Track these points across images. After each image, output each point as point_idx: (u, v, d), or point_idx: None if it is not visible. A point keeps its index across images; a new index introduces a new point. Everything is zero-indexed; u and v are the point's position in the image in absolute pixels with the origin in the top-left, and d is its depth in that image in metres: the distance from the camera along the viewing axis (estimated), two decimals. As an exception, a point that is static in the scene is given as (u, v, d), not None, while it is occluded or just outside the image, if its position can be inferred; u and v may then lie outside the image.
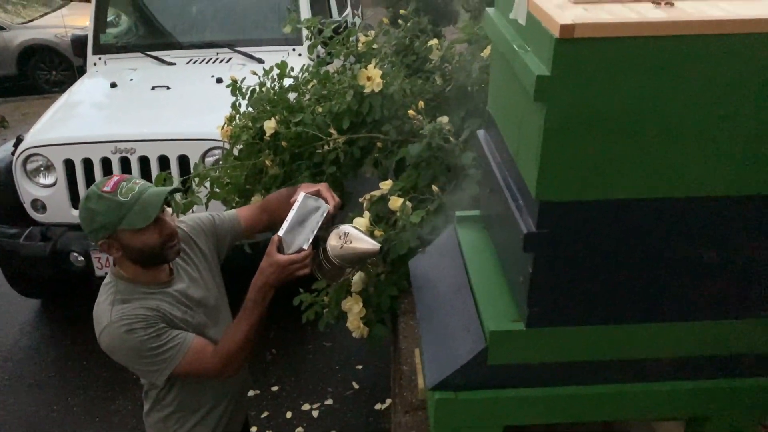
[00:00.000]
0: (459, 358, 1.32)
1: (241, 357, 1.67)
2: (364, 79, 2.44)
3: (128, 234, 1.57)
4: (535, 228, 1.16)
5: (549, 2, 1.10)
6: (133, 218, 1.55)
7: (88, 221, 1.58)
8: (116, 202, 1.54)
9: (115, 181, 1.58)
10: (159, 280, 1.69)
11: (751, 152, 1.10)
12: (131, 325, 1.57)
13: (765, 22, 1.00)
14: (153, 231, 1.59)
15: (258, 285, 1.64)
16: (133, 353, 1.60)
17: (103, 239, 1.59)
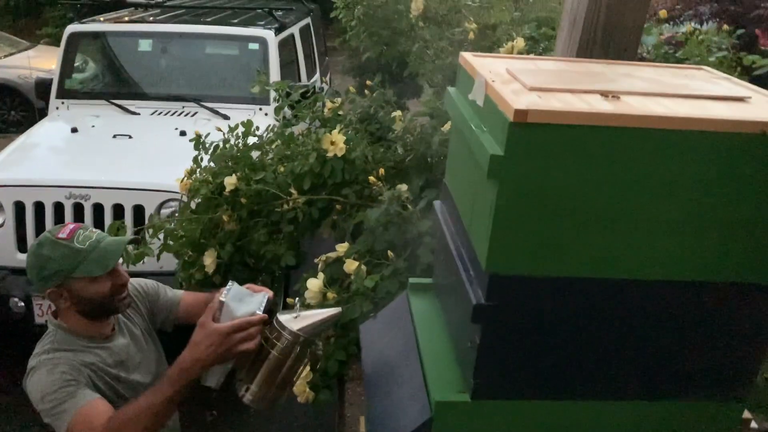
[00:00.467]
0: (404, 427, 1.31)
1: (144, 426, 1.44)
2: (328, 143, 2.49)
3: (80, 283, 1.53)
4: (484, 299, 1.19)
5: (506, 87, 1.16)
6: (90, 266, 1.51)
7: (38, 268, 1.53)
8: (73, 249, 1.51)
9: (71, 229, 1.55)
10: (101, 335, 1.64)
11: (689, 239, 1.16)
12: (55, 365, 1.51)
13: (700, 120, 1.08)
14: (106, 280, 1.56)
15: (183, 358, 1.42)
16: (42, 395, 1.50)
17: (52, 287, 1.54)
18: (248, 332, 1.42)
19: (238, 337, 1.41)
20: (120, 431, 1.45)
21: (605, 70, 1.41)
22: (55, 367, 1.52)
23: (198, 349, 1.41)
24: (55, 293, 1.55)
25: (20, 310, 3.35)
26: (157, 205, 3.35)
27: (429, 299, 1.66)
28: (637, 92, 1.21)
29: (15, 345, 3.97)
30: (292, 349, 1.44)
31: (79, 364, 1.55)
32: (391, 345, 1.60)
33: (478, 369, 1.24)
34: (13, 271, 3.43)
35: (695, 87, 1.29)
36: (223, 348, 1.40)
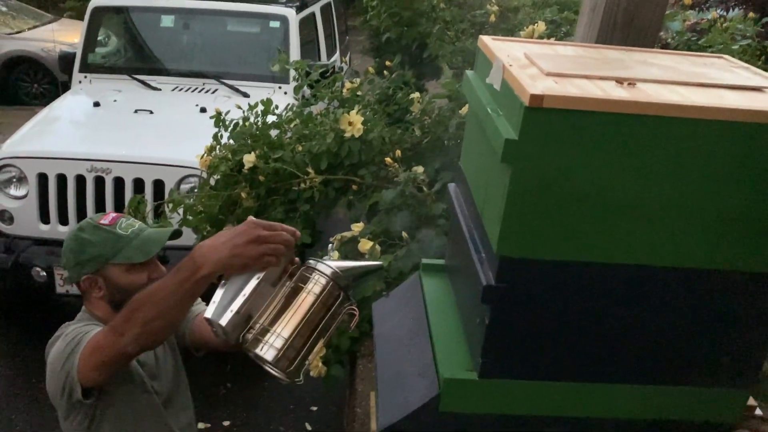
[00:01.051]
0: (411, 403, 1.35)
1: (139, 317, 1.25)
2: (346, 124, 2.51)
3: (118, 270, 1.49)
4: (494, 281, 1.21)
5: (523, 72, 1.18)
6: (131, 252, 1.48)
7: (76, 252, 1.48)
8: (115, 234, 1.48)
9: (113, 217, 1.52)
10: None
11: (700, 228, 1.17)
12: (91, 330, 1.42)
13: (715, 110, 1.09)
14: (143, 271, 1.51)
15: (203, 245, 1.22)
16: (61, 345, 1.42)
17: (88, 274, 1.49)
18: (278, 233, 1.23)
19: (266, 233, 1.21)
20: (129, 315, 1.27)
21: (623, 56, 1.41)
22: (80, 326, 1.46)
23: (220, 238, 1.22)
24: (90, 280, 1.50)
25: (42, 280, 3.43)
26: (177, 181, 3.40)
27: (441, 280, 1.69)
28: (653, 80, 1.22)
29: (37, 313, 4.09)
30: (326, 294, 1.22)
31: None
32: (403, 323, 1.63)
33: (486, 348, 1.26)
34: (35, 242, 3.51)
35: (713, 76, 1.29)
36: (246, 238, 1.19)
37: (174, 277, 1.22)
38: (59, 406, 1.48)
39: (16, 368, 3.64)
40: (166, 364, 1.65)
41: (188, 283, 1.20)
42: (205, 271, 1.18)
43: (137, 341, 1.28)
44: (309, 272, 1.23)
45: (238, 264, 1.19)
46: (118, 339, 1.28)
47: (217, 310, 1.19)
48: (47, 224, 3.52)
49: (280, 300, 1.21)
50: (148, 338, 1.29)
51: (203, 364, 1.62)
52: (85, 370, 1.35)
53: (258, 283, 1.20)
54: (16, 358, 3.71)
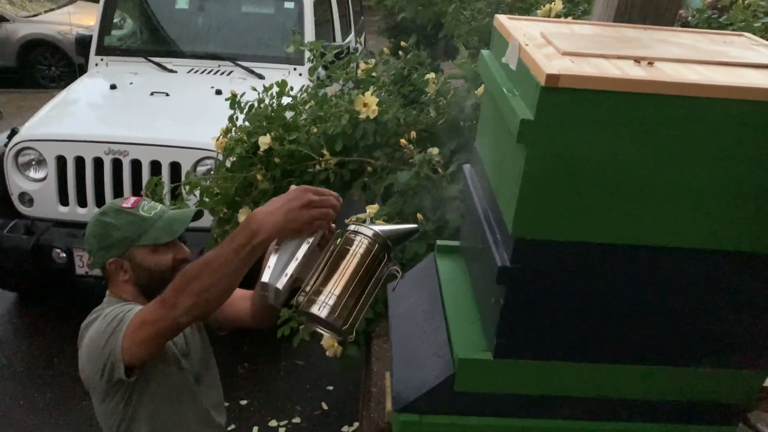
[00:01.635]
0: (427, 382, 1.36)
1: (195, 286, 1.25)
2: (361, 105, 2.50)
3: (143, 252, 1.50)
4: (509, 262, 1.21)
5: (539, 51, 1.16)
6: (157, 233, 1.49)
7: (101, 236, 1.49)
8: (139, 217, 1.49)
9: (135, 200, 1.54)
10: None
11: (717, 209, 1.16)
12: (131, 310, 1.41)
13: (735, 89, 1.07)
14: (168, 252, 1.52)
15: (258, 211, 1.24)
16: (100, 324, 1.42)
17: (114, 257, 1.50)
18: (326, 197, 1.26)
19: (318, 198, 1.24)
20: (180, 293, 1.27)
21: (641, 35, 1.39)
22: (118, 306, 1.45)
23: (274, 204, 1.24)
24: (116, 263, 1.51)
25: (62, 261, 3.48)
26: (194, 163, 3.42)
27: (455, 261, 1.69)
28: (671, 59, 1.20)
29: (57, 294, 4.16)
30: (371, 256, 1.25)
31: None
32: (418, 304, 1.64)
33: (501, 329, 1.27)
34: (55, 224, 3.56)
35: (733, 54, 1.27)
36: (299, 203, 1.22)
37: (230, 245, 1.22)
38: (96, 389, 1.48)
39: (38, 348, 3.71)
40: (195, 342, 1.66)
41: (245, 250, 1.21)
42: (262, 237, 1.21)
43: (190, 312, 1.28)
44: (353, 235, 1.27)
45: (292, 228, 1.22)
46: (170, 311, 1.28)
47: (273, 275, 1.23)
48: (66, 206, 3.57)
49: (328, 262, 1.25)
50: (202, 308, 1.28)
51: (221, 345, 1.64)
52: (130, 346, 1.35)
53: (309, 247, 1.25)
54: (37, 339, 3.78)
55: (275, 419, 3.27)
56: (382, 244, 1.27)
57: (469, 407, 1.36)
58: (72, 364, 3.48)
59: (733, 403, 1.38)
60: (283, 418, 3.29)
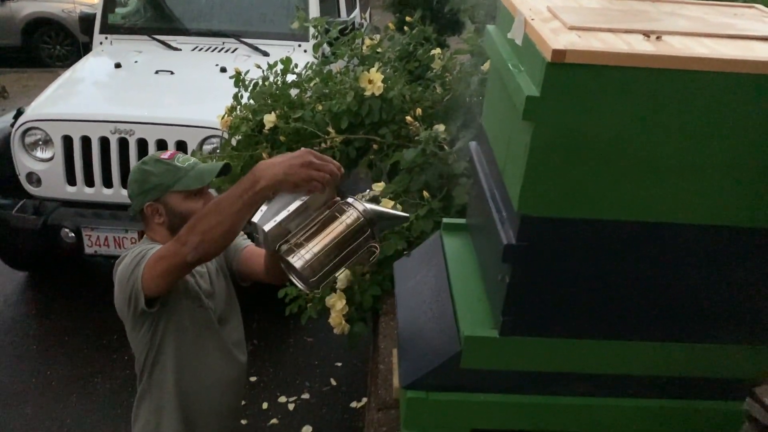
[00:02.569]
0: (433, 359, 1.37)
1: (204, 224, 1.38)
2: (366, 82, 2.48)
3: (177, 198, 1.64)
4: (515, 240, 1.21)
5: (545, 26, 1.15)
6: (189, 180, 1.63)
7: (140, 182, 1.65)
8: (174, 166, 1.64)
9: (172, 153, 1.69)
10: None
11: (725, 184, 1.15)
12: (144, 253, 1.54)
13: (744, 62, 1.05)
14: (199, 200, 1.66)
15: (262, 163, 1.37)
16: (129, 258, 1.56)
17: (150, 201, 1.65)
18: (327, 164, 1.36)
19: (317, 162, 1.34)
20: (190, 231, 1.41)
21: (649, 8, 1.37)
22: (144, 245, 1.62)
23: (278, 158, 1.37)
24: (152, 207, 1.66)
25: (71, 240, 3.49)
26: (200, 141, 3.41)
27: (462, 239, 1.69)
28: (680, 32, 1.18)
29: (66, 274, 4.19)
30: (355, 227, 1.35)
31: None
32: (424, 282, 1.65)
33: (507, 306, 1.27)
34: (63, 203, 3.57)
35: (742, 26, 1.25)
36: (300, 161, 1.33)
37: (235, 190, 1.36)
38: (126, 319, 1.64)
39: (49, 327, 3.75)
40: (220, 287, 1.81)
41: (247, 195, 1.34)
42: (262, 184, 1.32)
43: (197, 249, 1.41)
44: (346, 206, 1.38)
45: (290, 181, 1.33)
46: (181, 248, 1.42)
47: (264, 217, 1.34)
48: (74, 186, 3.57)
49: (317, 224, 1.37)
50: (207, 246, 1.41)
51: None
52: (148, 279, 1.51)
53: (302, 203, 1.35)
54: (47, 318, 3.82)
55: (284, 395, 3.31)
56: (368, 220, 1.37)
57: (475, 384, 1.37)
58: (84, 343, 3.54)
59: (743, 378, 1.38)
60: (293, 394, 3.32)
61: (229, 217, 1.36)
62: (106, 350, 3.49)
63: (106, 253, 3.51)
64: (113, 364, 3.38)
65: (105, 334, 3.55)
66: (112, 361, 3.39)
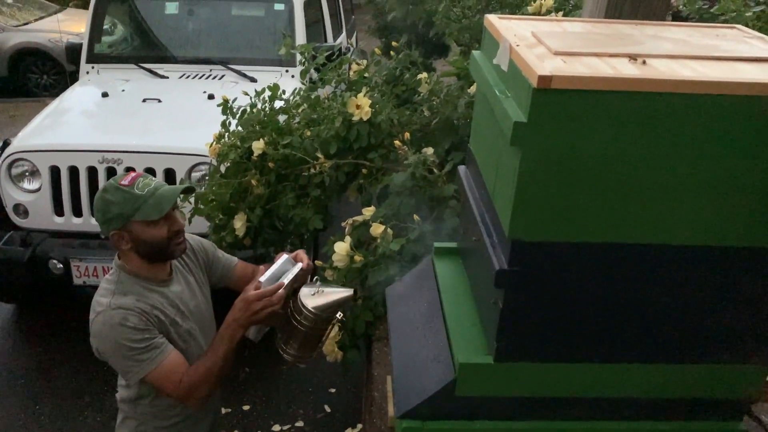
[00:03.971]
0: (428, 388, 1.35)
1: (204, 389, 1.69)
2: (354, 107, 2.49)
3: (140, 226, 1.64)
4: (506, 265, 1.20)
5: (530, 52, 1.15)
6: (148, 210, 1.62)
7: (102, 212, 1.65)
8: (133, 195, 1.62)
9: (133, 177, 1.66)
10: (159, 278, 1.74)
11: (715, 205, 1.15)
12: (126, 317, 1.61)
13: (729, 84, 1.06)
14: (163, 225, 1.66)
15: (227, 321, 1.68)
16: (116, 345, 1.64)
17: (115, 230, 1.64)
18: (268, 300, 1.65)
19: (260, 304, 1.64)
20: (192, 389, 1.67)
21: (633, 31, 1.38)
22: (125, 319, 1.62)
23: (234, 312, 1.66)
24: (118, 235, 1.66)
25: (59, 272, 3.45)
26: (188, 169, 3.40)
27: (453, 263, 1.68)
28: (665, 55, 1.19)
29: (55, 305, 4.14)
30: (312, 322, 1.66)
31: (146, 307, 1.65)
32: (416, 307, 1.63)
33: (501, 332, 1.26)
34: (51, 234, 3.53)
35: (726, 48, 1.26)
36: (250, 312, 1.64)
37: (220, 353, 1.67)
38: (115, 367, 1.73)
39: (37, 360, 3.69)
40: (201, 303, 1.87)
41: (230, 350, 1.68)
42: (237, 335, 1.68)
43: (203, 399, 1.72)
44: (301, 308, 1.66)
45: (255, 321, 1.67)
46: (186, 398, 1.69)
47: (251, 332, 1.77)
48: (61, 217, 3.54)
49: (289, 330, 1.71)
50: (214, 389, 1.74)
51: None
52: (150, 381, 1.67)
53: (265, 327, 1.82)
54: (36, 350, 3.76)
55: (278, 423, 3.26)
56: (322, 318, 1.67)
57: (471, 411, 1.35)
58: (73, 376, 3.47)
59: (739, 398, 1.37)
60: (286, 422, 3.28)
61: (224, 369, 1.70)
62: (95, 382, 3.43)
63: (95, 284, 3.45)
64: (103, 397, 3.32)
65: (94, 366, 3.49)
66: (102, 393, 3.34)
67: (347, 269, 2.25)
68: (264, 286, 1.68)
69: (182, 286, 1.80)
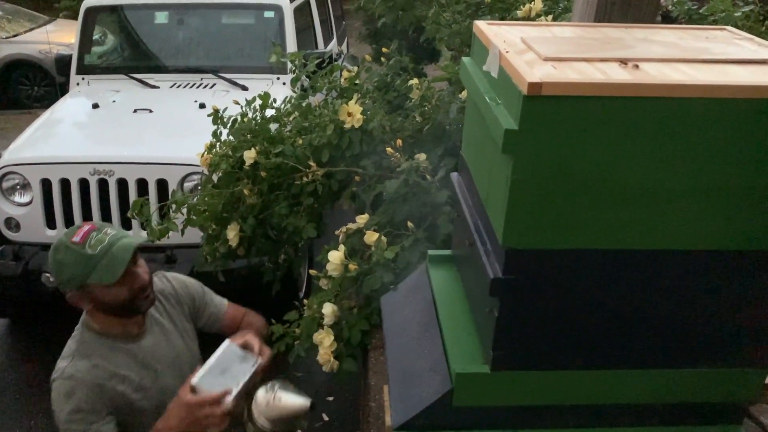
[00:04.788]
0: (424, 399, 1.34)
1: None
2: (345, 115, 2.48)
3: (97, 288, 1.51)
4: (501, 274, 1.19)
5: (520, 58, 1.14)
6: (100, 273, 1.48)
7: (56, 272, 1.52)
8: (84, 256, 1.47)
9: (85, 231, 1.51)
10: (129, 334, 1.62)
11: (709, 209, 1.14)
12: (74, 390, 1.51)
13: (721, 87, 1.05)
14: (123, 285, 1.51)
15: (157, 427, 1.49)
16: (56, 416, 1.54)
17: (72, 291, 1.52)
18: (212, 410, 1.43)
19: (203, 413, 1.43)
20: None
21: (623, 35, 1.37)
22: (72, 392, 1.51)
23: (169, 418, 1.47)
24: (76, 295, 1.53)
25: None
26: (180, 179, 3.38)
27: (448, 271, 1.67)
28: (655, 59, 1.18)
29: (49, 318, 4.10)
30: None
31: (102, 377, 1.54)
32: (412, 317, 1.62)
33: (498, 341, 1.25)
34: (43, 247, 3.51)
35: (716, 50, 1.26)
36: (189, 419, 1.44)
37: None
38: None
39: (32, 375, 3.66)
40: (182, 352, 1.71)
41: None
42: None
43: None
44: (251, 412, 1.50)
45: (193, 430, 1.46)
46: None
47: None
48: (54, 230, 3.52)
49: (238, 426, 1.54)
50: None
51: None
52: None
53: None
54: (30, 365, 3.73)
55: (276, 433, 3.24)
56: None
57: (469, 422, 1.34)
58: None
59: (737, 401, 1.36)
60: None
61: None
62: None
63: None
64: (99, 411, 3.29)
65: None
66: (97, 407, 3.32)
67: (342, 278, 2.23)
68: (200, 385, 1.43)
69: (157, 337, 1.67)
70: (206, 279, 1.98)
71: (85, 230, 1.51)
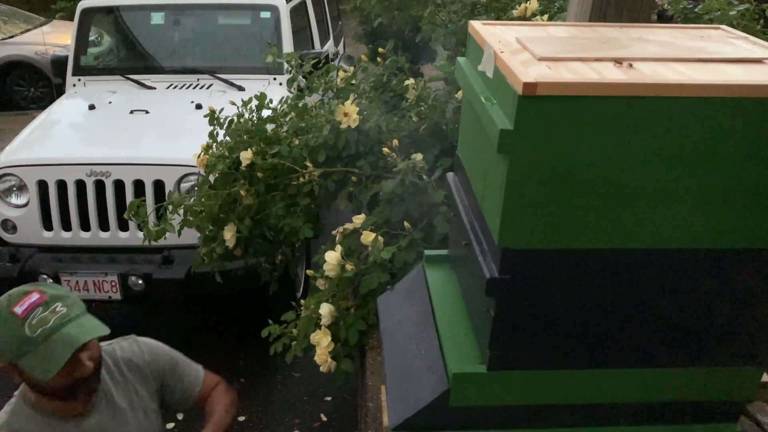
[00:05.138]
0: (421, 399, 1.34)
1: None
2: (341, 115, 2.48)
3: (28, 372, 1.30)
4: (497, 273, 1.19)
5: (515, 58, 1.15)
6: (32, 361, 1.27)
7: None
8: (19, 335, 1.26)
9: (30, 304, 1.27)
10: (70, 411, 1.42)
11: (704, 207, 1.15)
12: None
13: (716, 87, 1.06)
14: (60, 374, 1.29)
15: None
16: None
17: (4, 363, 1.31)
18: None
19: None
20: None
21: (618, 34, 1.37)
22: None
23: None
24: (8, 369, 1.32)
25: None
26: (177, 180, 3.38)
27: (444, 271, 1.67)
28: (651, 58, 1.19)
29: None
30: None
31: None
32: (408, 317, 1.62)
33: (494, 341, 1.25)
34: (40, 249, 3.50)
35: (711, 49, 1.26)
36: None
37: None
38: None
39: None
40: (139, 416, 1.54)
41: None
42: None
43: None
44: None
45: None
46: None
47: None
48: (50, 231, 3.52)
49: None
50: None
51: (216, 361, 1.64)
52: None
53: None
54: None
55: (274, 434, 3.24)
56: None
57: (466, 422, 1.34)
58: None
59: (734, 400, 1.36)
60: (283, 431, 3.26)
61: None
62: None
63: (86, 298, 3.43)
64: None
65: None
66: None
67: (339, 278, 2.23)
68: None
69: (105, 417, 1.46)
70: (203, 280, 1.97)
71: (32, 302, 1.28)
